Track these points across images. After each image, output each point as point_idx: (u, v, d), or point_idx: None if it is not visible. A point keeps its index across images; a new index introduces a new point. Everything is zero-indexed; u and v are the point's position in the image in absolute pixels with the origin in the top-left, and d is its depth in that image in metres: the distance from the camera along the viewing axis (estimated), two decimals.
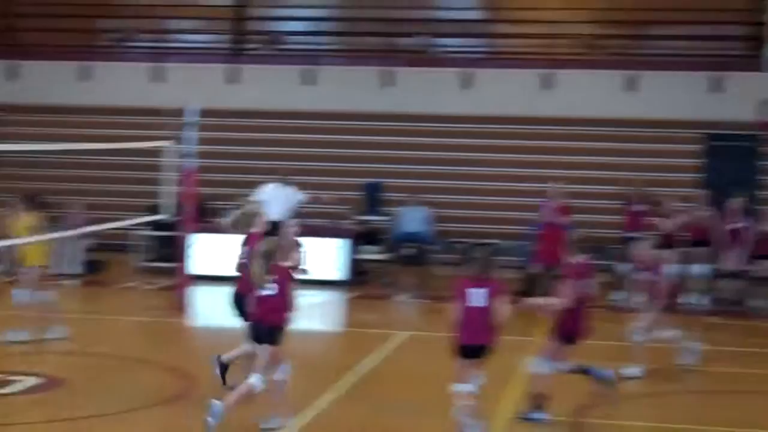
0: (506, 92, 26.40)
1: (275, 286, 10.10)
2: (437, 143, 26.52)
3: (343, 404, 11.61)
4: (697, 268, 20.18)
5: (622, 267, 20.15)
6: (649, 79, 26.21)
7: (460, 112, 26.44)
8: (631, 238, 19.53)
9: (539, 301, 11.88)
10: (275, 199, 19.46)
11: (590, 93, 26.12)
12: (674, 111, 25.77)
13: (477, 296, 9.89)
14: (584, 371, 11.37)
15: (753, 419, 11.46)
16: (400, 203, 24.09)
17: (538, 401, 10.90)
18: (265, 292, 10.11)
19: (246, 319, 10.89)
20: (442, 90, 26.70)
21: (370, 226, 23.72)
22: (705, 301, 20.07)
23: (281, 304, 10.17)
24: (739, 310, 19.83)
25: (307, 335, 15.66)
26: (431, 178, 26.06)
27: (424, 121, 26.56)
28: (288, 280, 10.24)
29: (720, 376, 14.02)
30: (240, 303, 11.22)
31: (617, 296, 20.02)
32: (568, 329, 10.80)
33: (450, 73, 26.92)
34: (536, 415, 10.88)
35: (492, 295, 9.91)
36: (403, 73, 27.09)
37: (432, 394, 12.04)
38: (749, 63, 26.37)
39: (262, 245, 10.35)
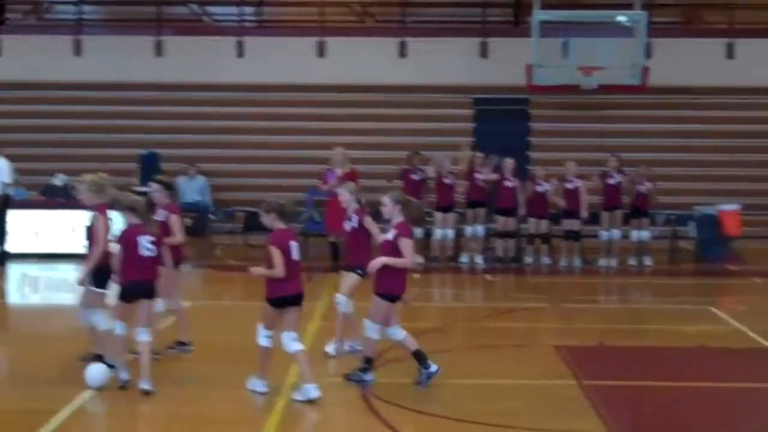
0: (281, 60, 26.39)
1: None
2: (214, 112, 26.28)
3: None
4: (472, 229, 20.76)
5: None
6: (419, 45, 26.70)
7: (235, 80, 26.30)
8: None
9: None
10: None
11: (364, 60, 26.40)
12: (445, 76, 26.34)
13: (296, 249, 10.30)
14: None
15: (523, 370, 11.89)
16: (178, 173, 23.76)
17: (367, 364, 10.99)
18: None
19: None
20: (216, 59, 26.47)
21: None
22: (481, 260, 20.67)
23: None
24: (515, 267, 20.51)
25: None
26: (209, 147, 25.81)
27: (199, 90, 26.31)
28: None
29: (497, 330, 14.45)
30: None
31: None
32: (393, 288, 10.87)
33: (224, 42, 26.72)
34: (366, 377, 10.94)
35: (299, 248, 10.41)
36: (176, 42, 26.70)
37: (219, 362, 12.01)
38: (516, 29, 27.18)
39: None
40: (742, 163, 25.71)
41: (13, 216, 20.58)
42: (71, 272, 16.81)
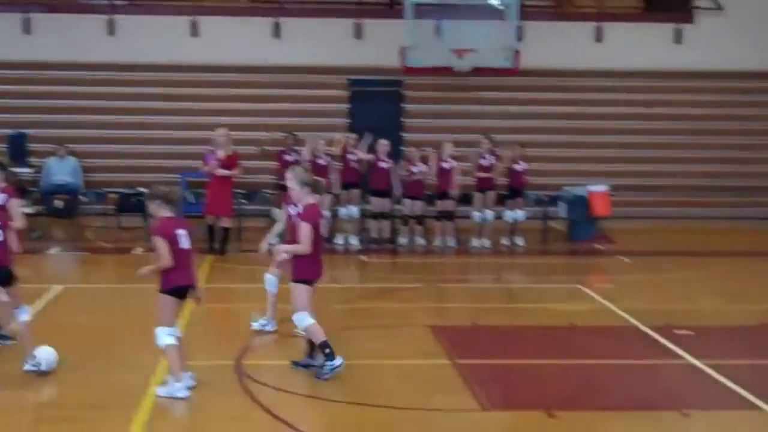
0: (153, 40, 26.01)
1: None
2: (85, 92, 25.78)
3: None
4: (346, 210, 20.82)
5: (277, 212, 20.59)
6: (294, 26, 26.60)
7: (106, 59, 25.83)
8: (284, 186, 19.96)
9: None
10: None
11: (238, 40, 26.20)
12: (320, 57, 26.31)
13: (184, 238, 9.94)
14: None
15: (398, 350, 12.01)
16: (48, 154, 23.30)
17: (326, 348, 10.73)
18: None
19: None
20: (86, 37, 25.95)
21: (16, 178, 22.73)
22: (355, 241, 20.74)
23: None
24: (389, 248, 20.63)
25: None
26: (80, 127, 25.31)
27: (70, 69, 25.78)
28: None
29: (374, 311, 14.55)
30: None
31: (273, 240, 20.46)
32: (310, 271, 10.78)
33: (94, 20, 26.20)
34: (336, 362, 10.64)
35: (191, 236, 10.07)
36: (44, 19, 26.09)
37: (90, 346, 11.86)
38: (390, 10, 27.26)
39: None
40: (610, 145, 26.28)
41: None
42: None
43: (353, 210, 20.84)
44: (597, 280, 18.07)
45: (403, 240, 20.94)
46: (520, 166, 21.20)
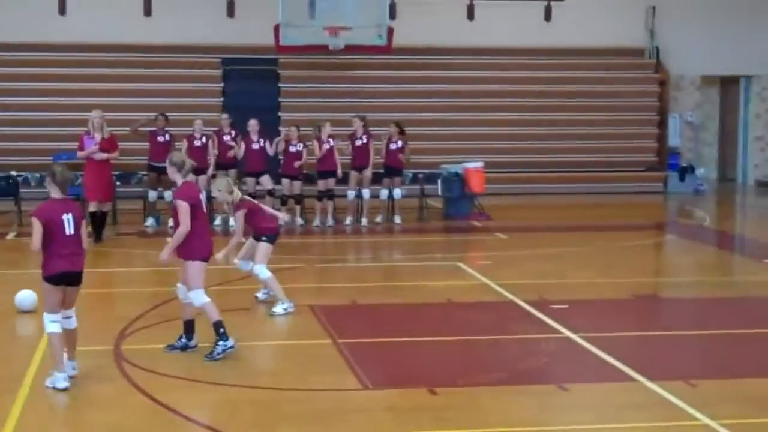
0: (17, 17, 25.50)
1: None
2: None
3: None
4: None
5: (152, 194, 20.38)
6: (165, 3, 26.25)
7: None
8: (158, 167, 19.71)
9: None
10: None
11: (107, 18, 25.76)
12: (191, 36, 26.03)
13: (69, 222, 9.53)
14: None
15: (279, 331, 12.00)
16: None
17: (220, 328, 10.66)
18: None
19: None
20: None
21: None
22: (233, 222, 20.51)
23: None
24: None
25: None
26: None
27: None
28: None
29: (253, 293, 14.48)
30: None
31: (149, 222, 20.30)
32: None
33: None
34: (228, 343, 10.62)
35: (79, 221, 9.65)
36: None
37: None
38: None
39: None
40: (484, 122, 26.61)
41: None
42: None
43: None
44: (474, 256, 18.28)
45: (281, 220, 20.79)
46: (395, 145, 21.26)
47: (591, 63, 27.72)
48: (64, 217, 9.51)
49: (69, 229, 9.52)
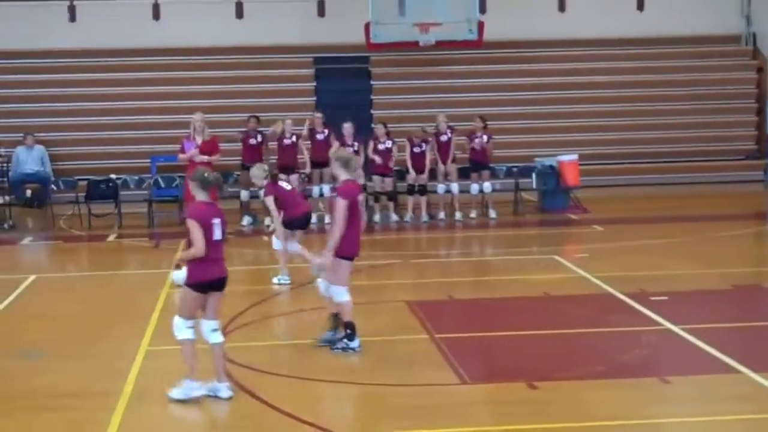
0: (111, 24, 26.02)
1: None
2: (49, 80, 25.68)
3: None
4: (318, 188, 20.81)
5: (244, 194, 20.62)
6: (256, 5, 26.49)
7: (68, 46, 25.86)
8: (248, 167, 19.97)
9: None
10: None
11: (200, 22, 26.13)
12: (283, 37, 26.24)
13: (218, 227, 9.27)
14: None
15: (376, 327, 12.03)
16: (16, 144, 23.13)
17: (349, 328, 10.87)
18: None
19: None
20: (47, 24, 25.91)
21: None
22: (327, 220, 20.64)
23: None
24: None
25: None
26: (46, 116, 25.16)
27: (27, 57, 25.72)
28: None
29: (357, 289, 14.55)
30: None
31: (245, 221, 20.54)
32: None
33: (55, 7, 26.03)
34: (352, 344, 10.84)
35: (224, 226, 9.40)
36: (3, 7, 25.89)
37: (69, 334, 11.84)
38: None
39: None
40: (577, 114, 26.38)
41: None
42: None
43: (324, 188, 20.80)
44: (571, 249, 18.15)
45: (376, 217, 20.90)
46: (479, 139, 21.14)
47: (686, 51, 27.31)
48: (214, 221, 9.23)
49: (217, 234, 9.23)
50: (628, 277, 14.46)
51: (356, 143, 20.51)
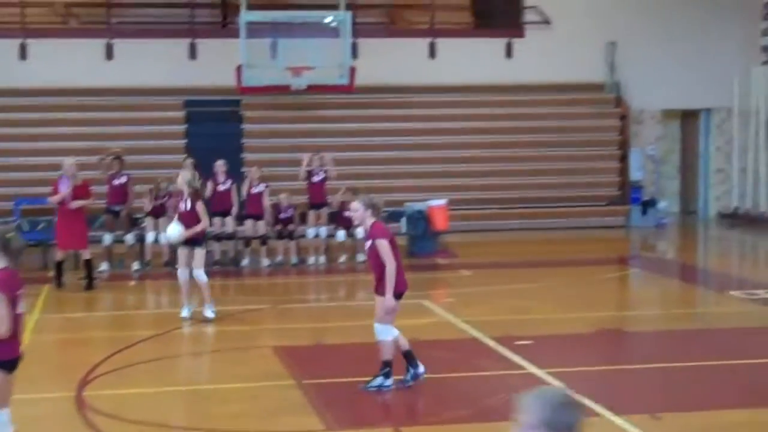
0: None
1: None
2: None
3: None
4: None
5: (107, 237, 20.29)
6: (126, 47, 26.25)
7: None
8: (115, 211, 19.89)
9: None
10: None
11: (68, 62, 25.71)
12: (154, 78, 26.02)
13: (21, 299, 7.74)
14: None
15: (244, 374, 11.95)
16: None
17: (385, 367, 10.92)
18: None
19: None
20: None
21: None
22: None
23: None
24: (234, 269, 20.46)
25: None
26: None
27: None
28: None
29: (218, 334, 14.44)
30: None
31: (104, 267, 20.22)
32: None
33: None
34: (385, 382, 10.91)
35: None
36: None
37: None
38: (224, 29, 27.16)
39: None
40: (447, 160, 26.69)
41: None
42: None
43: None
44: (439, 294, 18.29)
45: (245, 261, 20.79)
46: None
47: (552, 99, 27.92)
48: (19, 292, 7.71)
49: (21, 307, 7.73)
50: (494, 321, 14.65)
51: (229, 181, 20.47)
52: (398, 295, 10.96)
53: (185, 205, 15.04)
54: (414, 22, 29.15)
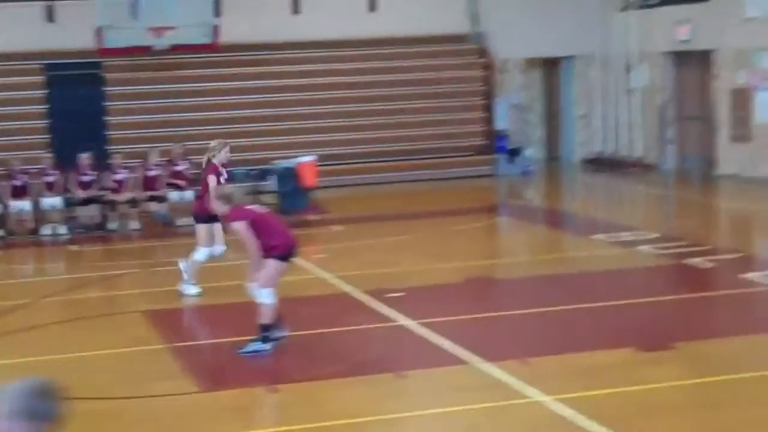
0: None
1: None
2: None
3: None
4: (48, 201, 20.20)
5: None
6: None
7: None
8: None
9: None
10: None
11: None
12: (11, 43, 25.31)
13: None
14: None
15: (114, 340, 11.83)
16: None
17: (265, 331, 10.78)
18: None
19: None
20: None
21: None
22: (64, 230, 20.10)
23: None
24: (99, 234, 20.14)
25: None
26: None
27: None
28: None
29: (86, 301, 14.25)
30: None
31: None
32: None
33: None
34: (264, 346, 10.73)
35: None
36: None
37: None
38: None
39: None
40: (314, 116, 26.64)
41: None
42: None
43: (56, 200, 20.23)
44: (310, 250, 18.29)
45: (113, 225, 20.47)
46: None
47: (416, 51, 28.03)
48: None
49: None
50: (365, 275, 14.76)
51: (94, 172, 20.22)
52: (285, 257, 10.94)
53: None
54: None
